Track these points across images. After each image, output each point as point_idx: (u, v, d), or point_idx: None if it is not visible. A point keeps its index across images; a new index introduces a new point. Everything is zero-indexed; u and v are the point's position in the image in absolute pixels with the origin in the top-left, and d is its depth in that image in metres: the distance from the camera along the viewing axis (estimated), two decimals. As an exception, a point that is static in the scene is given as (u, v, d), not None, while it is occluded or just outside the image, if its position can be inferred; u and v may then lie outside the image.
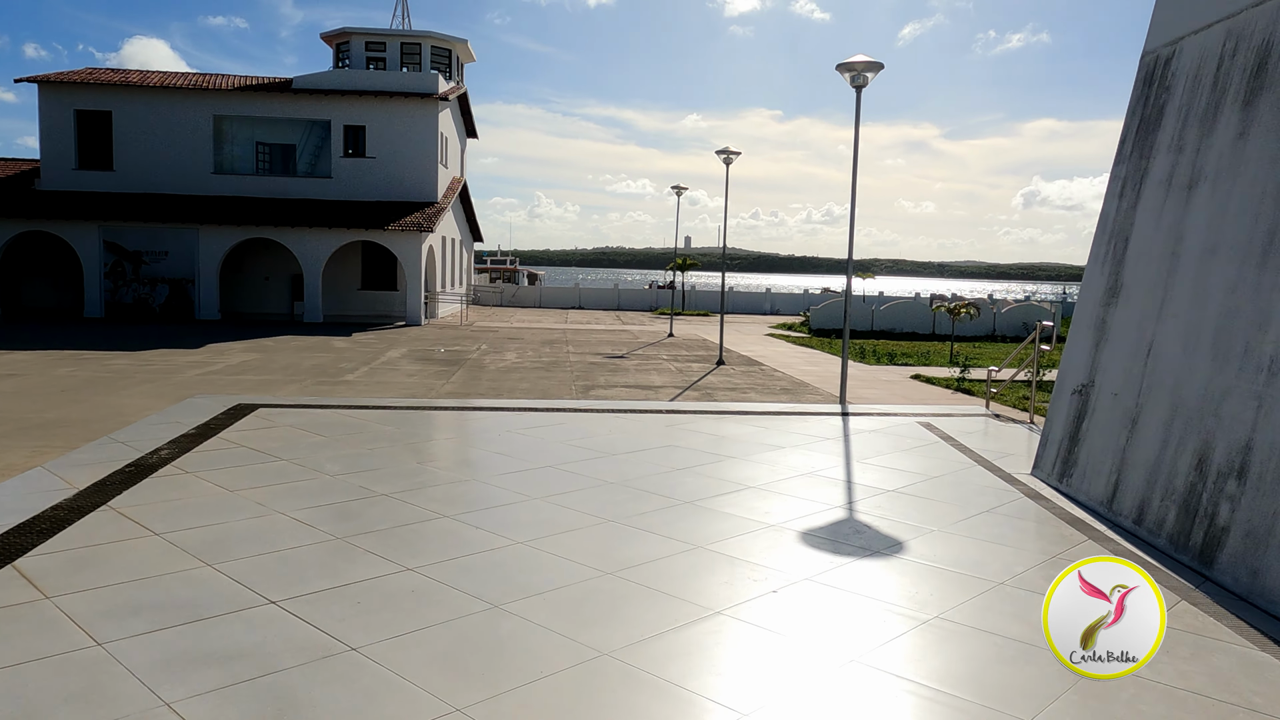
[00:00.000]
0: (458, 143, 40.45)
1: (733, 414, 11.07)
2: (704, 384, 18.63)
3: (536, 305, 48.05)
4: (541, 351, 24.10)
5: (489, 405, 11.06)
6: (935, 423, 10.86)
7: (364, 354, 21.86)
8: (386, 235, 31.26)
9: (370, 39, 36.91)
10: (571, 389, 17.07)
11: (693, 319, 42.33)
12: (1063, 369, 8.19)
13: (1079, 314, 8.12)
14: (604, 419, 10.42)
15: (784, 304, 51.32)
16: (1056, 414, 8.07)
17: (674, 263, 46.06)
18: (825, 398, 17.02)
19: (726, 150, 23.17)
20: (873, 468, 8.31)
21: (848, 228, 13.55)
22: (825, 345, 29.00)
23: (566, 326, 34.06)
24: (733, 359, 23.91)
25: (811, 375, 20.77)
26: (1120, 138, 8.04)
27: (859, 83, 13.36)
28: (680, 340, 29.60)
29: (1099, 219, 8.10)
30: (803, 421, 10.68)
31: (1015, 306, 39.34)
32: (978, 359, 26.01)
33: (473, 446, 8.80)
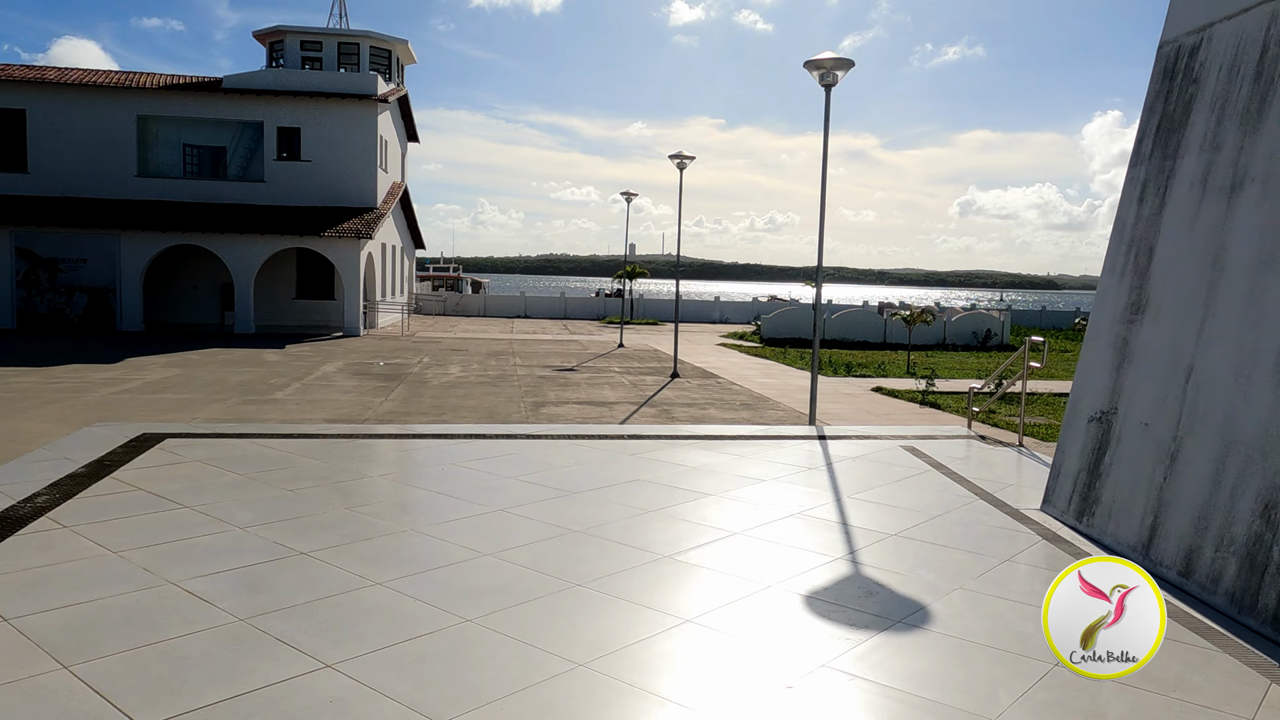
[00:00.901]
0: (398, 146, 39.03)
1: (700, 439, 10.10)
2: (660, 399, 17.65)
3: (481, 314, 46.72)
4: (487, 364, 22.92)
5: (432, 432, 9.93)
6: (920, 446, 10.01)
7: (297, 368, 20.47)
8: (323, 242, 29.78)
9: (306, 38, 35.36)
10: (520, 407, 15.97)
11: (642, 328, 41.40)
12: (1076, 392, 7.36)
13: (1094, 331, 7.30)
14: (561, 447, 9.36)
15: (733, 312, 50.70)
16: (1070, 443, 7.24)
17: (622, 270, 45.09)
18: (789, 414, 16.16)
19: (680, 155, 22.28)
20: (866, 505, 7.39)
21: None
22: (779, 356, 28.26)
23: (512, 337, 32.87)
24: (687, 371, 22.99)
25: (771, 389, 19.93)
26: (1136, 137, 7.25)
27: (828, 81, 12.54)
28: (631, 351, 28.62)
29: (1114, 226, 7.30)
30: (778, 447, 9.75)
31: (964, 315, 39.10)
32: (934, 368, 25.47)
33: (412, 485, 7.68)
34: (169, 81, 32.24)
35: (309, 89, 32.54)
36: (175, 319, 32.67)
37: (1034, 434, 14.32)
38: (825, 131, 12.53)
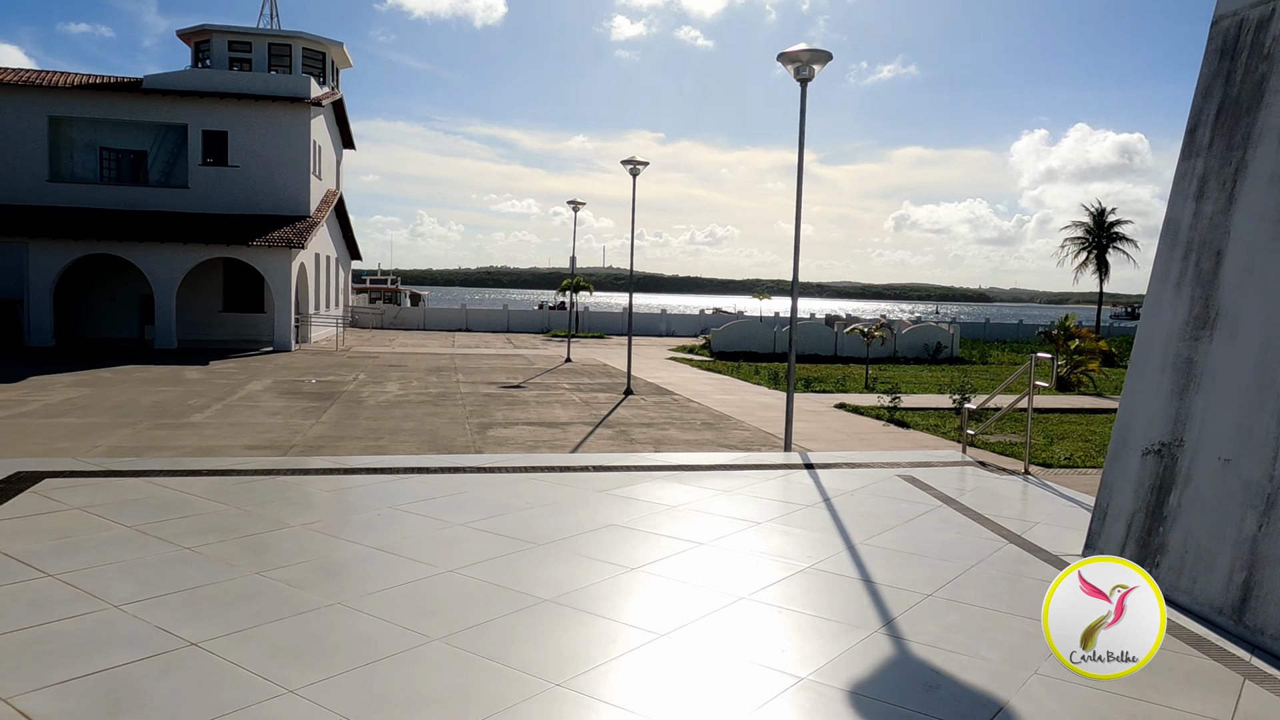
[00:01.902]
0: (333, 153, 37.31)
1: (674, 469, 8.92)
2: (616, 419, 16.45)
3: (420, 328, 45.02)
4: (428, 381, 21.48)
5: (367, 465, 8.58)
6: (919, 476, 8.96)
7: (220, 387, 18.81)
8: (251, 251, 28.00)
9: (234, 38, 33.53)
10: (466, 429, 14.63)
11: (589, 342, 40.16)
12: (1124, 419, 6.35)
13: (1144, 349, 6.31)
14: (517, 483, 8.10)
15: (679, 325, 49.77)
16: (1119, 478, 6.23)
17: (567, 282, 43.79)
18: (755, 434, 15.08)
19: (633, 160, 21.17)
20: (884, 554, 6.28)
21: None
22: (733, 370, 27.27)
23: (454, 351, 31.38)
24: (641, 387, 21.83)
25: (731, 406, 18.86)
26: (1188, 126, 6.30)
27: (804, 75, 11.53)
28: (580, 366, 27.37)
29: (1164, 228, 6.33)
30: (763, 479, 8.61)
31: (915, 328, 38.66)
32: (897, 384, 24.69)
33: (343, 537, 6.36)
34: (84, 81, 30.20)
35: (237, 90, 30.77)
36: (90, 333, 30.56)
37: (1044, 461, 13.44)
38: (801, 130, 11.51)
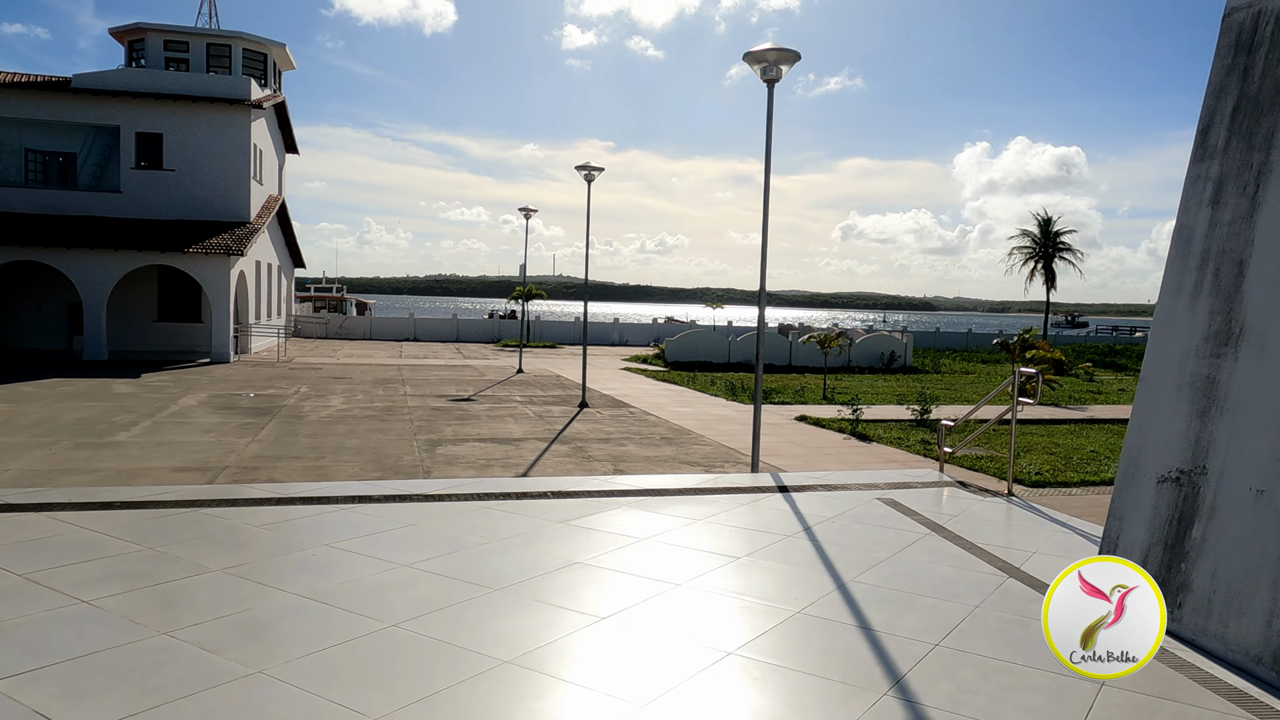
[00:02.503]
0: (275, 157, 36.11)
1: (639, 495, 8.26)
2: (571, 434, 15.77)
3: (366, 337, 43.84)
4: (374, 394, 20.57)
5: (303, 494, 7.79)
6: (899, 498, 8.42)
7: (150, 402, 17.74)
8: (187, 259, 26.80)
9: (171, 37, 32.25)
10: (414, 447, 13.83)
11: (540, 352, 39.38)
12: (1134, 443, 5.85)
13: (1155, 367, 5.82)
14: (470, 513, 7.38)
15: (632, 334, 49.19)
16: (1132, 509, 5.72)
17: (518, 290, 42.94)
18: (717, 450, 14.51)
19: (588, 166, 20.53)
20: (879, 593, 5.68)
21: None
22: (689, 381, 26.73)
23: (401, 362, 30.40)
24: (595, 399, 21.16)
25: (689, 419, 18.29)
26: (1200, 127, 5.84)
27: (770, 76, 10.99)
28: (532, 377, 26.61)
29: (1175, 236, 5.86)
30: (735, 505, 7.99)
31: (869, 337, 38.53)
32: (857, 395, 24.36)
33: (271, 584, 5.59)
34: (9, 79, 28.72)
35: (173, 91, 29.52)
36: (14, 344, 29.10)
37: (986, 469, 13.03)
38: (768, 132, 10.96)
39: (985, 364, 41.68)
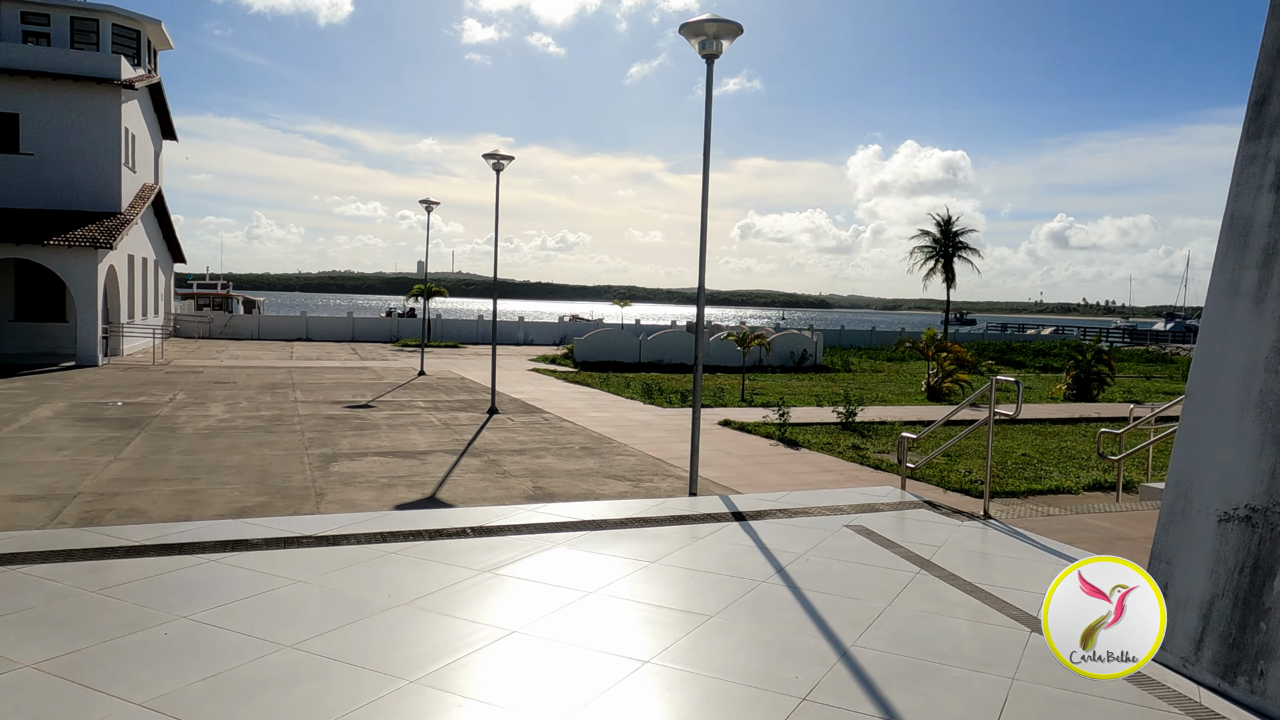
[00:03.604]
0: (150, 144, 33.37)
1: (571, 528, 7.02)
2: (482, 445, 14.39)
3: (254, 337, 41.20)
4: (260, 401, 18.71)
5: (159, 540, 6.27)
6: (870, 525, 7.41)
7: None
8: (48, 252, 24.21)
9: (29, 9, 29.32)
10: (305, 464, 12.25)
11: (443, 352, 37.58)
12: (1183, 474, 4.92)
13: (1208, 381, 4.89)
14: (372, 561, 6.01)
15: (538, 333, 47.66)
16: (1184, 552, 4.79)
17: (418, 287, 40.95)
18: (643, 461, 13.34)
19: (496, 155, 19.10)
20: (894, 665, 4.59)
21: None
22: (602, 383, 25.53)
23: (292, 364, 28.30)
24: (506, 404, 19.76)
25: (608, 426, 17.09)
26: (1253, 98, 4.95)
27: (709, 51, 9.90)
28: (435, 380, 24.99)
29: (1227, 228, 4.95)
30: (691, 540, 6.83)
31: (780, 335, 38.00)
32: (765, 394, 23.57)
33: (96, 688, 4.15)
34: None
35: (31, 67, 26.76)
36: None
37: (999, 489, 12.04)
38: (708, 113, 9.87)
39: (892, 362, 41.73)
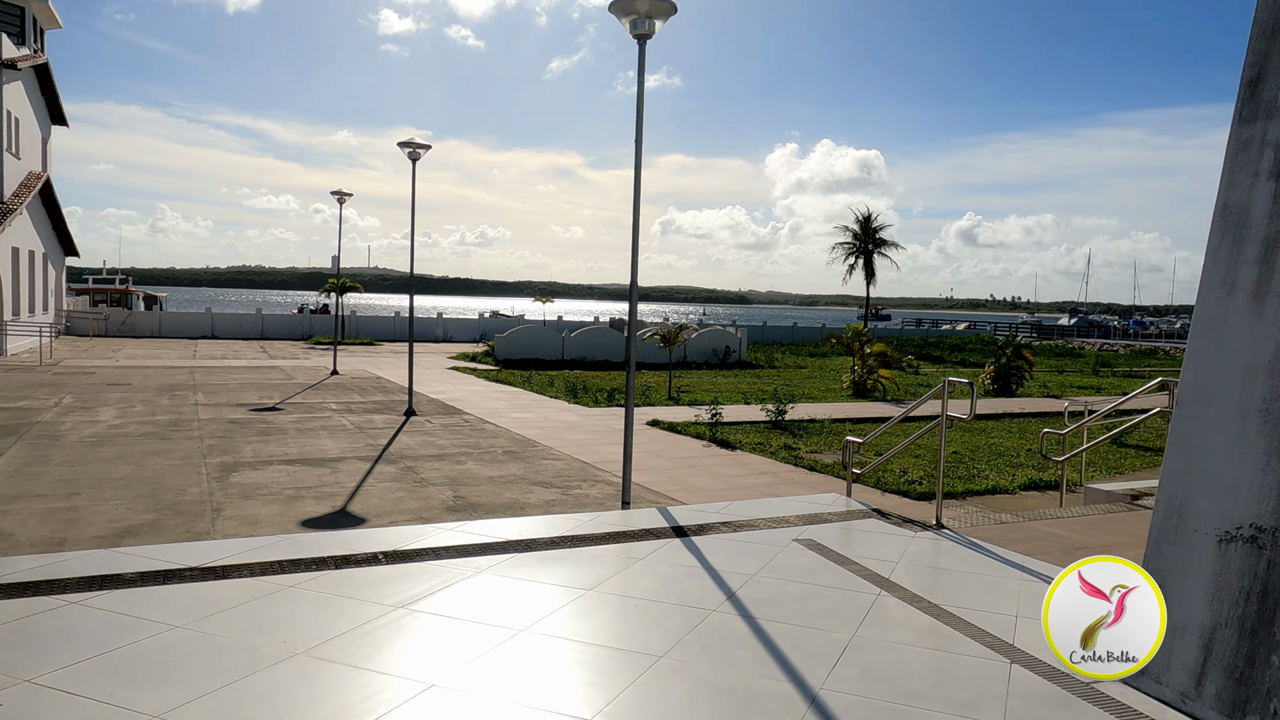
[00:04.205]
0: (37, 129, 31.26)
1: (496, 550, 6.32)
2: (399, 450, 13.53)
3: (155, 335, 39.16)
4: (156, 405, 17.44)
5: (12, 579, 5.39)
6: (821, 539, 6.90)
7: None
8: (-83, 243, 22.34)
9: (-101, -19, 27.10)
10: (202, 475, 11.25)
11: (357, 349, 36.22)
12: (1175, 488, 4.48)
13: (1202, 387, 4.46)
14: (267, 597, 5.22)
15: (457, 330, 46.46)
16: (1180, 575, 4.35)
17: (331, 282, 39.42)
18: (571, 466, 12.66)
19: (412, 143, 18.17)
20: (871, 712, 4.06)
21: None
22: (524, 381, 24.72)
23: (195, 364, 26.78)
24: (424, 405, 18.85)
25: (532, 428, 16.36)
26: (1246, 78, 4.54)
27: (641, 30, 9.28)
28: (349, 379, 23.87)
29: (1220, 220, 4.52)
30: (627, 559, 6.21)
31: (704, 332, 37.66)
32: (691, 391, 23.13)
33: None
34: None
35: (-102, 42, 24.69)
36: None
37: (885, 486, 11.62)
38: (639, 97, 9.24)
39: (814, 358, 41.82)
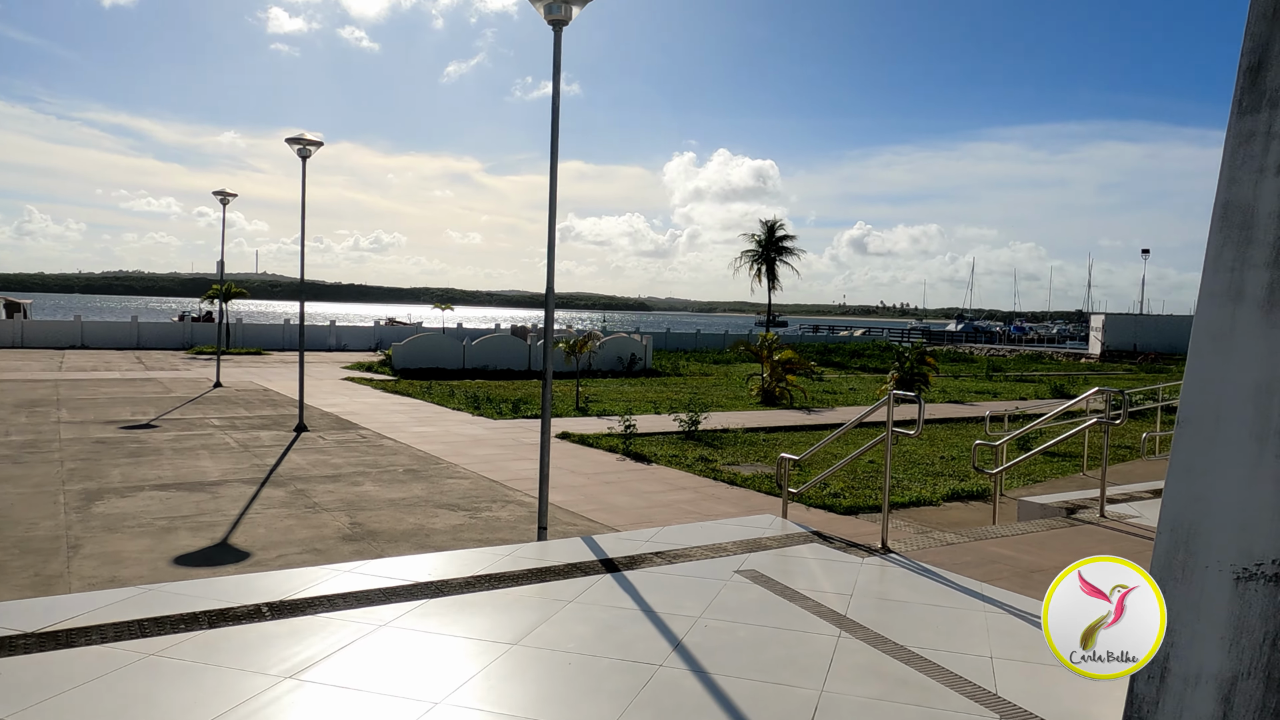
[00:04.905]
0: (-121, 118, 28.42)
1: (401, 597, 5.50)
2: (289, 471, 12.44)
3: (17, 345, 36.34)
4: (11, 423, 15.81)
5: None
6: (765, 569, 6.28)
7: None
8: None
9: None
10: (59, 504, 10.00)
11: (244, 360, 34.29)
12: (1180, 516, 4.00)
13: (1208, 406, 3.99)
14: (120, 669, 4.28)
15: (352, 338, 44.68)
16: (1189, 618, 3.87)
17: (215, 288, 37.28)
18: (477, 484, 11.80)
19: (301, 139, 17.01)
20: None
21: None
22: (424, 392, 23.61)
23: (60, 376, 24.74)
24: (316, 420, 17.66)
25: (435, 442, 15.40)
26: (1245, 64, 4.08)
27: (557, 16, 8.57)
28: (234, 392, 22.35)
29: (1222, 220, 4.05)
30: (554, 602, 5.46)
31: (609, 339, 37.07)
32: (599, 401, 22.49)
33: None
34: None
35: None
36: None
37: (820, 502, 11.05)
38: (555, 85, 8.52)
39: (719, 364, 41.71)
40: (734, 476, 12.82)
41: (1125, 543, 7.39)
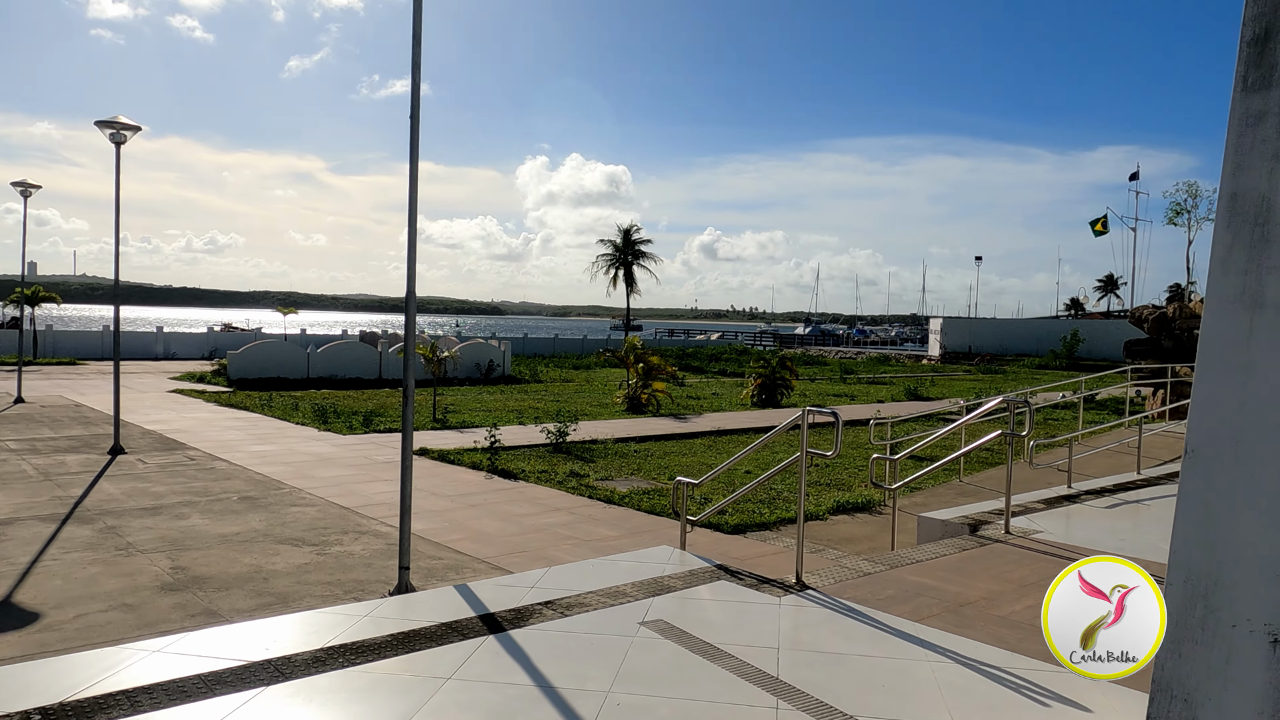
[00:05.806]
0: None
1: (232, 681, 4.32)
2: (98, 502, 10.74)
3: None
4: None
5: None
6: (673, 619, 5.40)
7: None
8: None
9: None
10: None
11: (54, 371, 30.98)
12: (1193, 562, 3.35)
13: (1223, 430, 3.36)
14: None
15: (182, 346, 41.35)
16: (1213, 683, 3.22)
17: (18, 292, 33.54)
18: (325, 512, 10.42)
19: (115, 123, 15.10)
20: None
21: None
22: (264, 406, 21.66)
23: None
24: (136, 439, 15.71)
25: (275, 463, 13.84)
26: (1247, 36, 3.45)
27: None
28: (38, 409, 19.83)
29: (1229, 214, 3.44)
30: (428, 680, 4.40)
31: (466, 345, 35.58)
32: (457, 412, 21.20)
33: None
34: None
35: None
36: None
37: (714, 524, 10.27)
38: (415, 78, 7.40)
39: (579, 370, 40.88)
40: (610, 494, 11.95)
41: (1043, 564, 6.92)
